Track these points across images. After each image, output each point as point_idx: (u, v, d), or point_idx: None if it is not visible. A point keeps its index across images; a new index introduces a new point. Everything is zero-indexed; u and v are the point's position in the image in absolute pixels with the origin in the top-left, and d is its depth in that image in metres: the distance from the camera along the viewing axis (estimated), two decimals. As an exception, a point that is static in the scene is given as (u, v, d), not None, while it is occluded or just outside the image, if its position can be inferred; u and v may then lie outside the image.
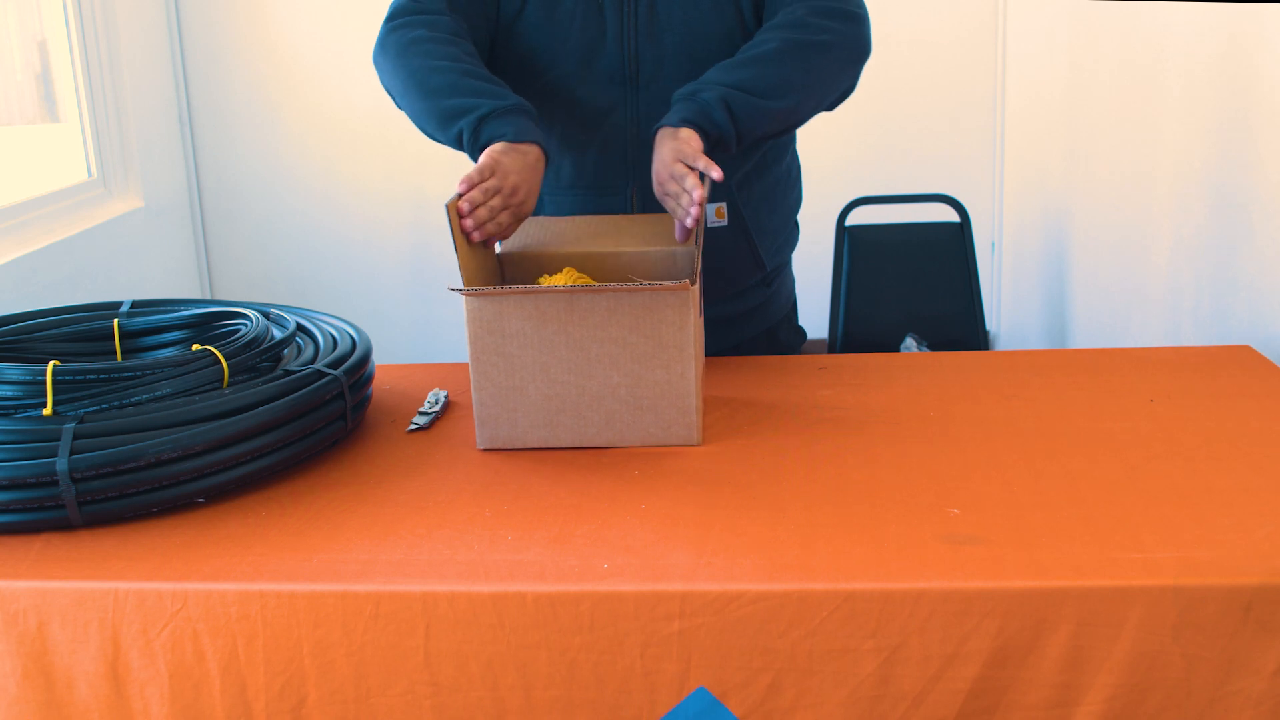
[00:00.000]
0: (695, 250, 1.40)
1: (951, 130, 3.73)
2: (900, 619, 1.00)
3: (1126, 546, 1.05)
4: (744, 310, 1.75)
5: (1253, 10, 1.80)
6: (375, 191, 3.76)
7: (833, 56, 1.55)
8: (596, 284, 1.27)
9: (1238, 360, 1.55)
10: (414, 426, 1.43)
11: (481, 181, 1.37)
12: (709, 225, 1.59)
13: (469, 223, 1.37)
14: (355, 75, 3.71)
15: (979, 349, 3.04)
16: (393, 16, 1.58)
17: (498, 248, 1.51)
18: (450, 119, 1.46)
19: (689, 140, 1.42)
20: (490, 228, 1.39)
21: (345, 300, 3.80)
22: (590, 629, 1.03)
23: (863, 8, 1.59)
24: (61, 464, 1.14)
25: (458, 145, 1.48)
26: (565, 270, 1.45)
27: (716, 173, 1.36)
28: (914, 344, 2.99)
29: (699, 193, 1.33)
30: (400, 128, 1.69)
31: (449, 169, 3.81)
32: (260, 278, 3.89)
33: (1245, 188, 1.85)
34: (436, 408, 1.47)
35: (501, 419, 1.34)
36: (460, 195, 1.37)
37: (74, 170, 3.32)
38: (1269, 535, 1.06)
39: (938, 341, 2.99)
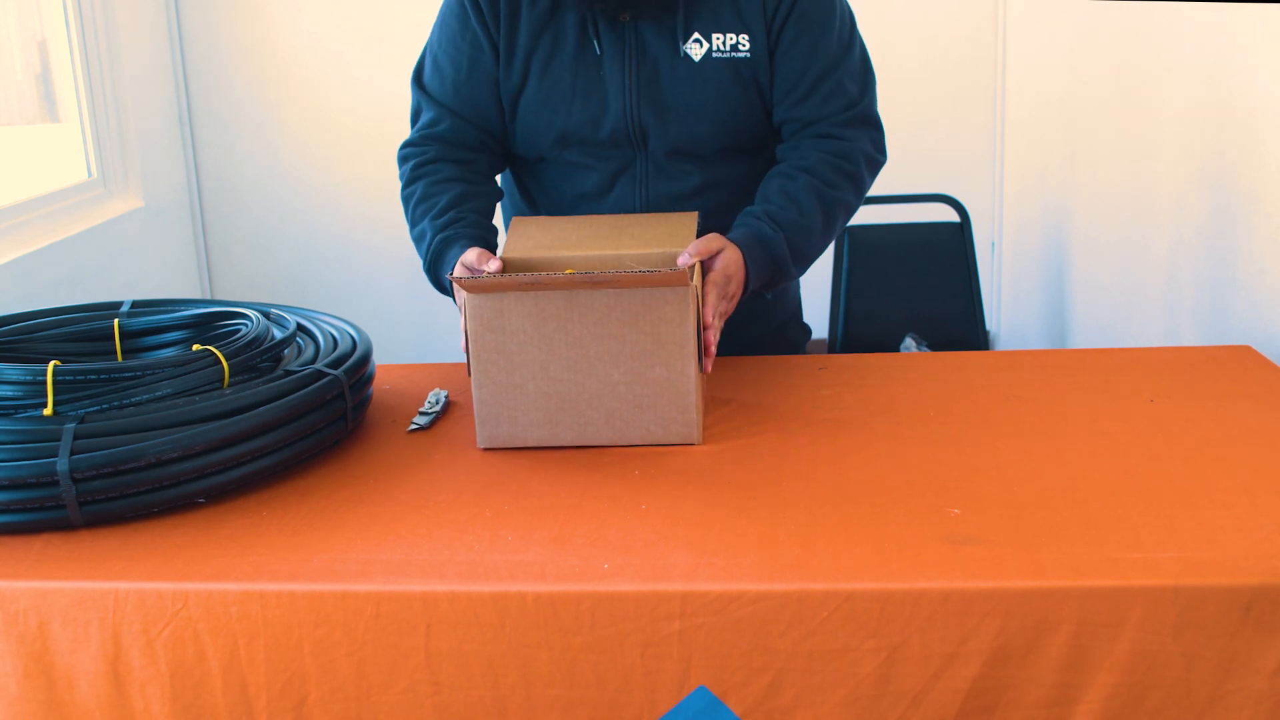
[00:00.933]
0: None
1: (951, 130, 3.73)
2: (900, 619, 1.00)
3: (1126, 546, 1.05)
4: (747, 315, 1.74)
5: (1253, 10, 1.80)
6: (375, 191, 3.76)
7: (845, 220, 1.62)
8: (595, 273, 1.27)
9: (1238, 360, 1.55)
10: (414, 426, 1.43)
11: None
12: None
13: None
14: (355, 75, 3.71)
15: (979, 349, 3.04)
16: (399, 164, 1.65)
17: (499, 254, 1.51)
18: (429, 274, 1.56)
19: (735, 296, 1.45)
20: None
21: (345, 300, 3.80)
22: (590, 629, 1.03)
23: (883, 155, 1.64)
24: (62, 464, 1.14)
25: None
26: (567, 272, 1.45)
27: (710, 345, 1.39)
28: (914, 344, 2.99)
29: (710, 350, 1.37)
30: (401, 128, 1.69)
31: (449, 169, 3.81)
32: (260, 278, 3.89)
33: (1245, 188, 1.85)
34: (436, 408, 1.47)
35: (502, 417, 1.34)
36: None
37: (74, 170, 3.32)
38: (1269, 535, 1.06)
39: (938, 341, 2.99)
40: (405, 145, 1.66)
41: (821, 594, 1.01)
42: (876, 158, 1.62)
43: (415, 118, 1.67)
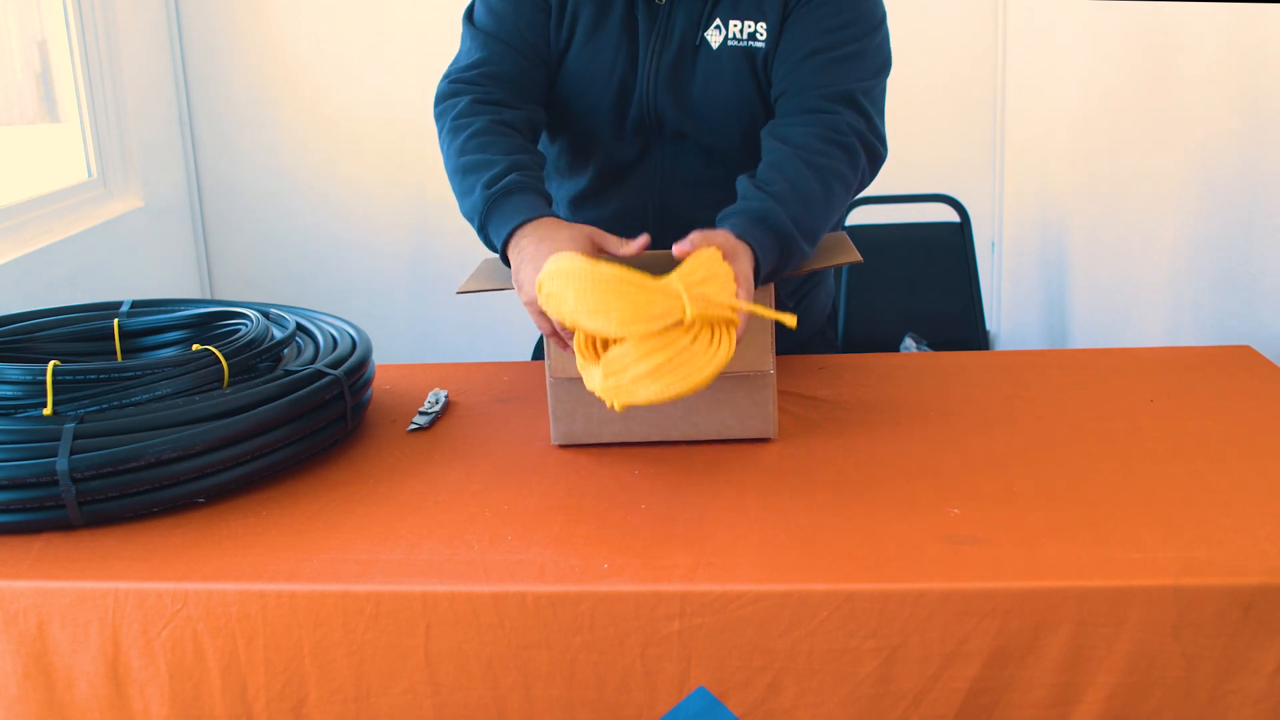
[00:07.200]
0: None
1: (951, 130, 3.73)
2: (900, 619, 1.00)
3: (1126, 546, 1.05)
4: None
5: (1253, 10, 1.80)
6: (375, 191, 3.75)
7: (845, 191, 1.47)
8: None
9: (1238, 360, 1.55)
10: (414, 426, 1.43)
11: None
12: None
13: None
14: (355, 75, 3.71)
15: (979, 349, 3.04)
16: (441, 97, 1.54)
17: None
18: (471, 217, 1.42)
19: (732, 268, 1.24)
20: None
21: (345, 300, 3.79)
22: (590, 629, 1.03)
23: (883, 146, 1.51)
24: (61, 464, 1.14)
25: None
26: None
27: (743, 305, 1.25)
28: (914, 344, 2.99)
29: None
30: (401, 127, 1.69)
31: (449, 169, 3.81)
32: (260, 278, 3.89)
33: (1245, 188, 1.85)
34: (436, 408, 1.47)
35: (577, 414, 1.33)
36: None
37: (74, 170, 3.32)
38: (1269, 535, 1.06)
39: (938, 341, 2.99)
40: (456, 80, 1.55)
41: (821, 594, 1.01)
42: (872, 140, 1.49)
43: (465, 54, 1.59)
